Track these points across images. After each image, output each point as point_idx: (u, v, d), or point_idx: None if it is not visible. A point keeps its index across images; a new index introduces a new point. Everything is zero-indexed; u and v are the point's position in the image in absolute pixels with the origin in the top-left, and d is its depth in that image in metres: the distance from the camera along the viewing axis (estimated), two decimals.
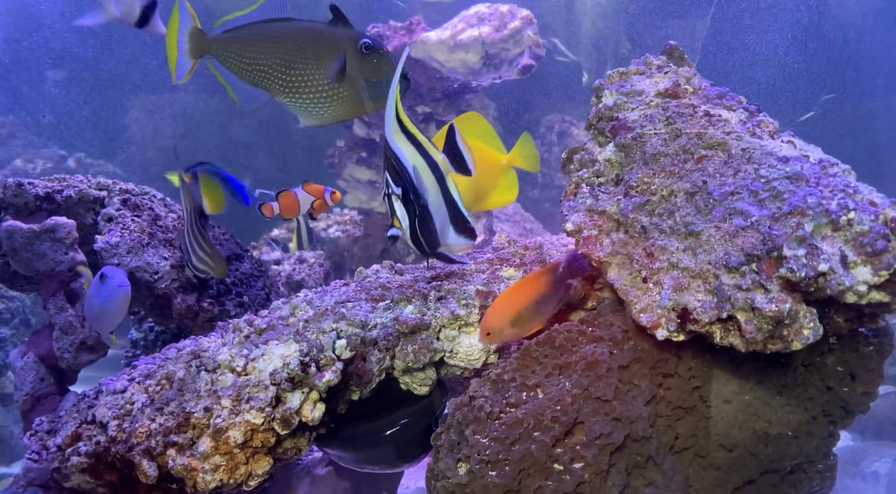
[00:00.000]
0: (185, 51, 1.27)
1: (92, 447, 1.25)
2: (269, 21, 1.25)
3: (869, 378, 1.23)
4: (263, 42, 1.25)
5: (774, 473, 1.26)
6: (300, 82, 1.24)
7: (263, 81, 1.26)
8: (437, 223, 1.20)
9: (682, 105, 1.37)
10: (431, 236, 1.21)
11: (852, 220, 1.03)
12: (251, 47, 1.25)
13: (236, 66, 1.27)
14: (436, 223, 1.20)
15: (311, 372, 1.24)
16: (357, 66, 1.22)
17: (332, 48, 1.23)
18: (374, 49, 1.22)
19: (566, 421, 1.14)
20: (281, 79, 1.24)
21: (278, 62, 1.24)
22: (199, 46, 1.27)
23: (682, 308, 1.10)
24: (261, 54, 1.25)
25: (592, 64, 5.54)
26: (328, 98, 1.24)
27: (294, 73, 1.23)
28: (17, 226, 1.79)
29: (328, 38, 1.24)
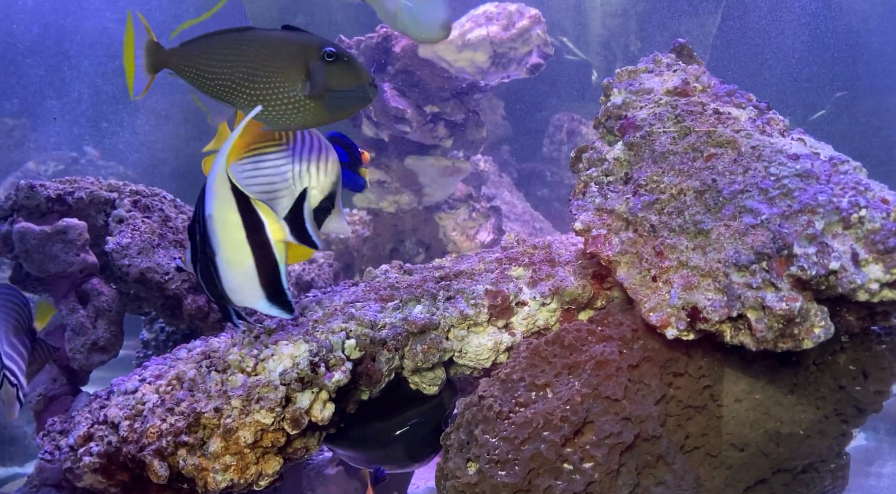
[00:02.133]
0: (143, 65, 1.23)
1: (104, 447, 1.26)
2: (228, 32, 1.21)
3: (882, 376, 1.22)
4: (224, 55, 1.20)
5: (786, 472, 1.25)
6: (265, 95, 1.20)
7: (226, 95, 1.22)
8: (232, 281, 1.15)
9: (692, 103, 1.36)
10: (212, 287, 1.17)
11: (864, 218, 1.02)
12: (212, 61, 1.21)
13: (197, 80, 1.22)
14: (229, 280, 1.15)
15: (321, 372, 1.24)
16: (322, 75, 1.19)
17: (295, 58, 1.19)
18: (338, 56, 1.19)
19: (576, 421, 1.14)
20: (245, 92, 1.20)
21: (241, 76, 1.20)
22: (156, 60, 1.23)
23: (692, 307, 1.10)
24: (223, 68, 1.20)
25: (602, 62, 5.52)
26: (294, 109, 1.21)
27: (258, 86, 1.20)
28: (29, 227, 1.80)
29: (291, 48, 1.20)
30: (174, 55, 1.23)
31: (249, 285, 1.16)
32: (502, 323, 1.42)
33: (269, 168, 1.27)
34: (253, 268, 1.14)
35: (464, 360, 1.40)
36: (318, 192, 1.29)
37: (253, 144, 1.27)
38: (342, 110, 1.24)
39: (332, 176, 1.29)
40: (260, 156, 1.27)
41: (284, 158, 1.27)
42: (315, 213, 1.28)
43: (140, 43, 1.22)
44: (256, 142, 1.27)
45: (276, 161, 1.27)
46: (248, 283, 1.16)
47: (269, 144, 1.27)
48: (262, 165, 1.27)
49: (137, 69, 1.22)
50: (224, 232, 1.14)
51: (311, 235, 1.15)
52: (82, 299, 1.89)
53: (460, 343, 1.39)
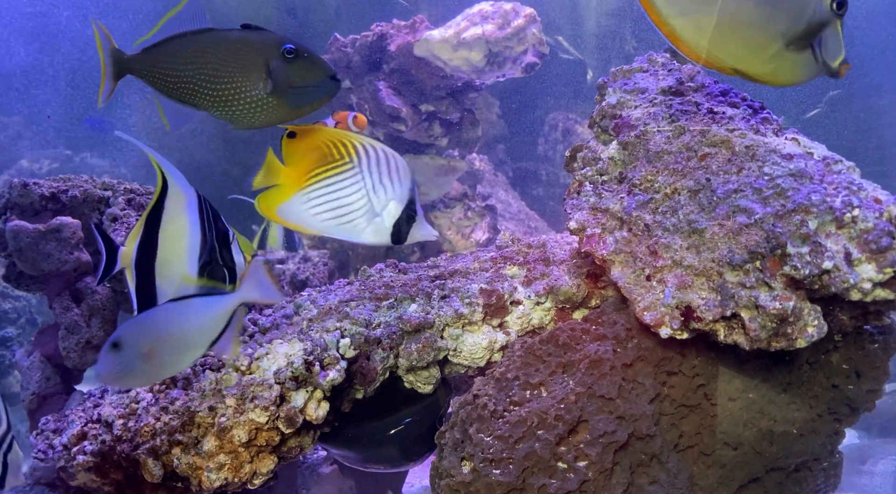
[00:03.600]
0: (107, 73, 1.23)
1: (98, 446, 1.26)
2: (188, 34, 1.21)
3: (874, 375, 1.23)
4: (186, 57, 1.21)
5: (779, 471, 1.26)
6: (228, 95, 1.21)
7: (190, 98, 1.22)
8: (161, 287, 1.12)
9: (686, 102, 1.37)
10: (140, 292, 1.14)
11: (857, 218, 1.03)
12: (173, 64, 1.21)
13: (160, 84, 1.23)
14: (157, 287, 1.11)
15: (315, 371, 1.24)
16: (283, 73, 1.19)
17: (255, 57, 1.20)
18: (298, 53, 1.19)
19: (570, 420, 1.14)
20: (208, 94, 1.21)
21: (203, 77, 1.20)
22: (118, 67, 1.23)
23: (686, 306, 1.10)
24: (184, 70, 1.21)
25: (597, 62, 5.52)
26: (257, 107, 1.21)
27: (220, 86, 1.20)
28: (22, 226, 1.80)
29: (251, 47, 1.20)
30: (136, 61, 1.23)
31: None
32: (497, 321, 1.42)
33: (339, 191, 1.23)
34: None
35: (458, 359, 1.41)
36: (397, 203, 1.25)
37: (312, 170, 1.23)
38: (306, 105, 1.23)
39: (408, 182, 1.25)
40: (325, 180, 1.23)
41: (354, 176, 1.23)
42: (398, 224, 1.26)
43: (105, 50, 1.22)
44: (315, 166, 1.23)
45: (345, 181, 1.23)
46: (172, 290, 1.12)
47: (331, 166, 1.23)
48: (332, 189, 1.23)
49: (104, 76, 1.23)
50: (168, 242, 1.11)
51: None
52: (76, 297, 1.89)
53: (455, 342, 1.39)
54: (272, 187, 1.24)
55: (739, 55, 1.08)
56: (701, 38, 1.08)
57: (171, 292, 1.09)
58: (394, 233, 1.26)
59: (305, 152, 1.22)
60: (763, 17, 1.05)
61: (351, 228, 1.25)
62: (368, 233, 1.25)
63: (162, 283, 1.10)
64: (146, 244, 1.10)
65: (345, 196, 1.23)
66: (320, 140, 1.23)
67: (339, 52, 3.59)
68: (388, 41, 3.43)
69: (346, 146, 1.23)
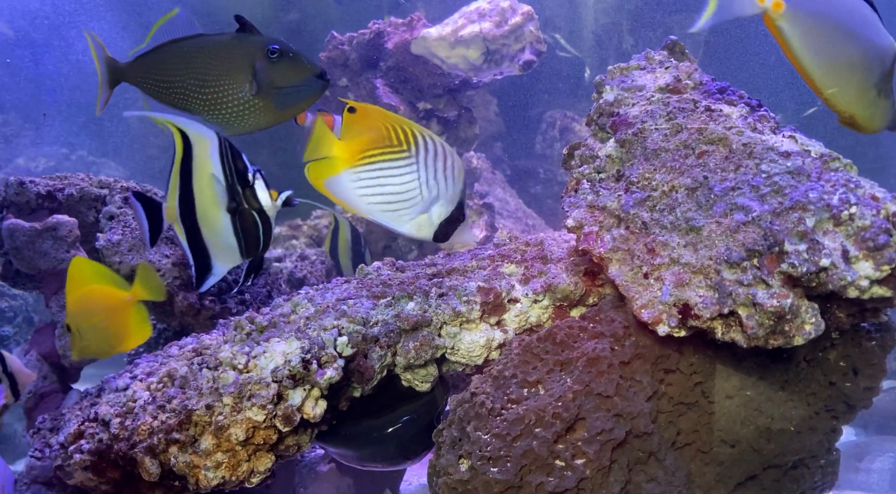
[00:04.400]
0: (103, 81, 1.26)
1: (94, 444, 1.25)
2: (178, 41, 1.24)
3: (871, 373, 1.23)
4: (175, 63, 1.23)
5: (777, 468, 1.26)
6: (216, 99, 1.22)
7: (181, 102, 1.24)
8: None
9: (683, 100, 1.36)
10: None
11: (854, 215, 1.03)
12: (164, 70, 1.23)
13: (153, 90, 1.25)
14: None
15: (313, 369, 1.24)
16: (268, 74, 1.20)
17: (241, 60, 1.21)
18: (283, 53, 1.20)
19: (567, 418, 1.14)
20: (197, 97, 1.23)
21: (192, 81, 1.22)
22: (114, 75, 1.26)
23: (684, 303, 1.10)
24: (174, 76, 1.23)
25: (595, 59, 5.52)
26: (246, 110, 1.23)
27: (209, 90, 1.22)
28: (19, 224, 1.79)
29: (237, 49, 1.22)
30: (129, 69, 1.26)
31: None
32: (494, 319, 1.42)
33: (392, 177, 1.21)
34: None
35: (456, 357, 1.40)
36: (447, 203, 1.24)
37: (367, 150, 1.21)
38: (292, 106, 1.24)
39: (461, 184, 1.24)
40: (380, 163, 1.21)
41: (408, 166, 1.21)
42: (445, 225, 1.25)
43: (100, 59, 1.25)
44: (370, 146, 1.21)
45: (400, 169, 1.21)
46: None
47: (387, 151, 1.21)
48: (384, 174, 1.21)
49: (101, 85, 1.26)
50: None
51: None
52: None
53: (452, 340, 1.39)
54: (323, 158, 1.22)
55: (852, 101, 1.20)
56: (827, 81, 1.19)
57: (217, 240, 1.14)
58: (438, 232, 1.25)
59: (362, 130, 1.20)
60: (865, 63, 1.16)
61: (395, 217, 1.24)
62: (411, 226, 1.25)
63: (207, 233, 1.14)
64: (185, 196, 1.12)
65: (396, 184, 1.22)
66: (380, 122, 1.21)
67: (336, 49, 3.58)
68: (386, 39, 3.43)
69: (407, 134, 1.21)
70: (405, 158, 1.21)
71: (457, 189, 1.24)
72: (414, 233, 1.26)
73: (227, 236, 1.15)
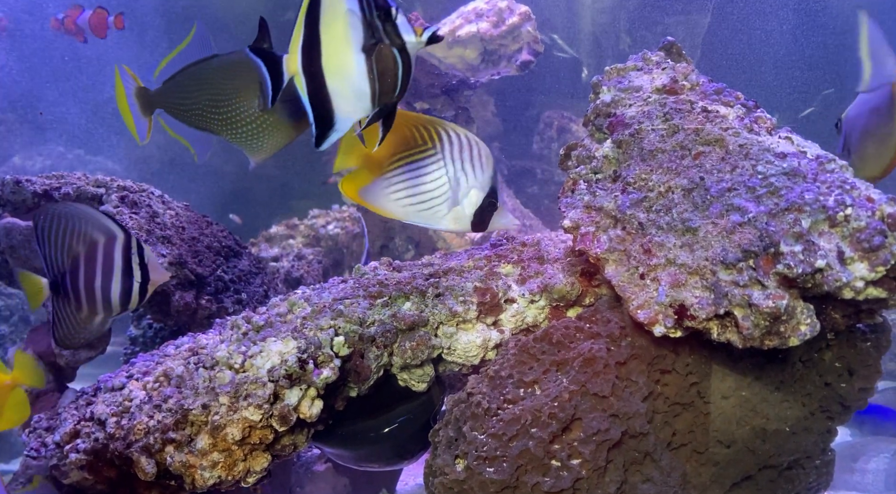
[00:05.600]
0: (138, 111, 1.29)
1: (90, 444, 1.25)
2: (195, 64, 1.26)
3: (867, 373, 1.23)
4: (193, 85, 1.25)
5: (772, 469, 1.26)
6: (231, 117, 1.24)
7: (202, 123, 1.27)
8: None
9: (680, 101, 1.37)
10: None
11: (849, 216, 1.03)
12: (184, 93, 1.26)
13: (178, 113, 1.28)
14: None
15: (309, 369, 1.24)
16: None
17: (249, 75, 1.21)
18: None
19: (564, 418, 1.14)
20: (215, 117, 1.25)
21: (208, 102, 1.25)
22: (147, 103, 1.29)
23: (680, 304, 1.10)
24: (193, 97, 1.26)
25: (592, 60, 5.52)
26: (260, 126, 1.25)
27: (223, 109, 1.24)
28: (15, 223, 1.79)
29: (244, 66, 1.22)
30: (160, 95, 1.28)
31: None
32: (491, 320, 1.42)
33: (422, 176, 1.22)
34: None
35: (452, 357, 1.41)
36: (478, 191, 1.24)
37: (395, 154, 1.22)
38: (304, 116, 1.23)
39: (490, 170, 1.24)
40: (408, 164, 1.22)
41: (436, 163, 1.22)
42: (479, 213, 1.25)
43: (130, 91, 1.28)
44: (397, 150, 1.22)
45: (427, 168, 1.22)
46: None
47: (414, 152, 1.22)
48: (415, 175, 1.22)
49: (135, 117, 1.29)
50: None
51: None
52: None
53: (449, 340, 1.39)
54: (353, 170, 1.23)
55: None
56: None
57: (345, 88, 1.04)
58: (475, 221, 1.26)
59: (388, 136, 1.21)
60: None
61: (431, 215, 1.25)
62: (448, 221, 1.25)
63: (334, 81, 1.04)
64: (309, 43, 1.03)
65: (426, 182, 1.23)
66: (404, 124, 1.22)
67: None
68: None
69: (430, 131, 1.22)
70: (432, 156, 1.22)
71: (486, 176, 1.25)
72: (452, 227, 1.27)
73: (359, 81, 1.03)
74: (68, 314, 1.35)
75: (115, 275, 1.33)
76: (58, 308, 1.35)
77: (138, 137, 1.30)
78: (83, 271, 1.32)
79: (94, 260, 1.32)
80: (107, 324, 1.38)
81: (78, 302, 1.33)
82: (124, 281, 1.33)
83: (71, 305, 1.34)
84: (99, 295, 1.33)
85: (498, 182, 1.26)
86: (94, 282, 1.32)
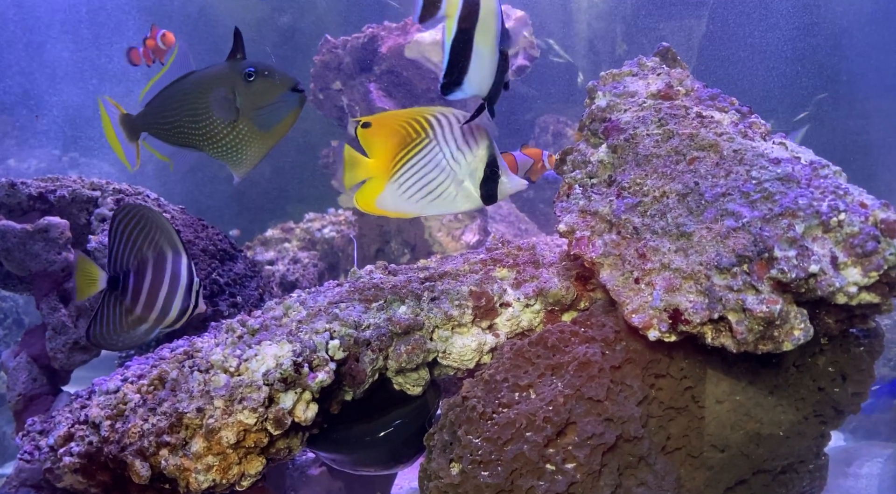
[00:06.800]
0: (125, 139, 1.30)
1: (84, 447, 1.25)
2: (174, 83, 1.27)
3: (860, 378, 1.24)
4: (172, 103, 1.27)
5: (766, 473, 1.27)
6: (210, 132, 1.25)
7: (186, 140, 1.28)
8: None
9: (675, 106, 1.37)
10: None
11: (843, 222, 1.04)
12: (165, 113, 1.28)
13: (162, 134, 1.30)
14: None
15: (304, 373, 1.24)
16: (247, 97, 1.23)
17: (224, 88, 1.24)
18: (257, 73, 1.22)
19: (558, 422, 1.14)
20: (196, 133, 1.26)
21: (188, 119, 1.26)
22: (132, 128, 1.31)
23: (674, 308, 1.11)
24: (174, 116, 1.27)
25: (588, 65, 5.54)
26: (238, 138, 1.26)
27: (202, 124, 1.25)
28: (10, 225, 1.78)
29: (218, 79, 1.24)
30: (143, 118, 1.30)
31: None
32: (486, 324, 1.43)
33: (423, 167, 1.24)
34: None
35: (448, 361, 1.41)
36: (479, 164, 1.25)
37: (397, 155, 1.24)
38: (275, 124, 1.26)
39: (484, 140, 1.25)
40: (409, 161, 1.24)
41: (433, 149, 1.24)
42: (485, 184, 1.25)
43: (114, 120, 1.29)
44: (398, 150, 1.24)
45: (427, 157, 1.24)
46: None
47: (411, 146, 1.24)
48: (418, 168, 1.24)
49: (123, 144, 1.30)
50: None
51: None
52: (64, 298, 1.88)
53: (444, 343, 1.39)
54: (364, 182, 1.24)
55: None
56: None
57: (481, 67, 1.13)
58: (483, 195, 1.27)
59: (385, 139, 1.22)
60: None
61: (443, 201, 1.26)
62: (461, 202, 1.26)
63: (477, 57, 1.13)
64: (469, 7, 1.11)
65: (430, 171, 1.24)
66: (396, 122, 1.23)
67: (330, 53, 3.58)
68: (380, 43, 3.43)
69: (420, 121, 1.23)
70: (428, 144, 1.24)
71: (482, 147, 1.25)
72: (468, 207, 1.28)
73: (491, 68, 1.15)
74: (117, 313, 1.34)
75: (180, 291, 1.34)
76: (107, 304, 1.35)
77: (129, 164, 1.32)
78: (150, 276, 1.32)
79: (163, 270, 1.33)
80: (149, 335, 1.37)
81: (134, 304, 1.33)
82: (185, 299, 1.35)
83: (123, 305, 1.33)
84: (160, 304, 1.33)
85: (496, 150, 1.27)
86: (160, 290, 1.33)
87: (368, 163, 1.24)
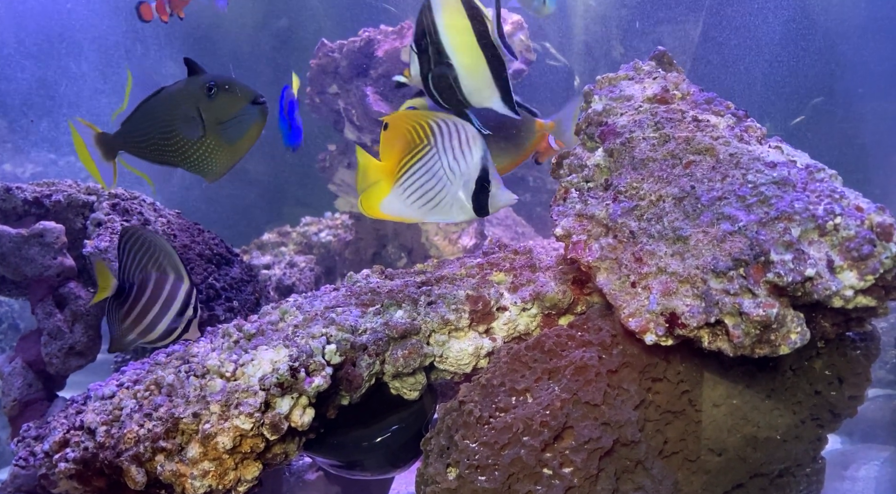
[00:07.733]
0: (100, 157, 1.32)
1: (80, 453, 1.24)
2: (145, 101, 1.30)
3: (856, 381, 1.24)
4: (145, 121, 1.29)
5: (763, 477, 1.27)
6: (179, 147, 1.27)
7: (160, 157, 1.30)
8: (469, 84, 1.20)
9: (671, 110, 1.38)
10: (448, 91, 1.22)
11: (839, 225, 1.04)
12: (139, 129, 1.30)
13: (138, 151, 1.32)
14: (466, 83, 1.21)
15: (301, 377, 1.24)
16: (211, 112, 1.25)
17: (189, 104, 1.26)
18: (218, 87, 1.24)
19: (555, 426, 1.14)
20: (167, 149, 1.29)
21: (159, 135, 1.28)
22: (107, 147, 1.32)
23: (671, 312, 1.11)
24: (146, 134, 1.29)
25: (584, 68, 5.55)
26: (206, 152, 1.28)
27: (173, 140, 1.28)
28: (5, 230, 1.78)
29: (184, 95, 1.27)
30: (119, 137, 1.31)
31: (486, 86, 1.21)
32: (483, 328, 1.43)
33: (424, 174, 1.24)
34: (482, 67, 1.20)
35: (445, 365, 1.40)
36: (471, 175, 1.25)
37: (401, 160, 1.24)
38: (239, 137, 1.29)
39: (478, 152, 1.25)
40: (413, 167, 1.24)
41: (433, 157, 1.24)
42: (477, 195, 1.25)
43: (89, 140, 1.30)
44: (403, 155, 1.24)
45: (427, 164, 1.24)
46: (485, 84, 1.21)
47: (414, 152, 1.24)
48: (419, 175, 1.24)
49: (98, 164, 1.31)
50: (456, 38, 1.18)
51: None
52: (59, 303, 1.87)
53: (441, 348, 1.39)
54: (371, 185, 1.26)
55: None
56: None
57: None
58: (475, 207, 1.26)
59: (394, 142, 1.23)
60: None
61: (440, 211, 1.26)
62: (457, 212, 1.26)
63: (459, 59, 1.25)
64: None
65: (429, 179, 1.24)
66: (404, 126, 1.24)
67: (326, 56, 3.59)
68: (376, 46, 3.44)
69: (424, 127, 1.24)
70: (429, 151, 1.24)
71: (475, 159, 1.25)
72: (463, 218, 1.28)
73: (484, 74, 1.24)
74: (115, 319, 1.45)
75: (169, 314, 1.43)
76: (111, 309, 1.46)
77: (104, 183, 1.34)
78: (149, 292, 1.42)
79: (161, 289, 1.43)
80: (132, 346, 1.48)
81: (126, 316, 1.43)
82: (172, 322, 1.43)
83: (121, 312, 1.44)
84: (146, 322, 1.44)
85: (489, 162, 1.26)
86: (151, 309, 1.43)
87: (378, 166, 1.25)
